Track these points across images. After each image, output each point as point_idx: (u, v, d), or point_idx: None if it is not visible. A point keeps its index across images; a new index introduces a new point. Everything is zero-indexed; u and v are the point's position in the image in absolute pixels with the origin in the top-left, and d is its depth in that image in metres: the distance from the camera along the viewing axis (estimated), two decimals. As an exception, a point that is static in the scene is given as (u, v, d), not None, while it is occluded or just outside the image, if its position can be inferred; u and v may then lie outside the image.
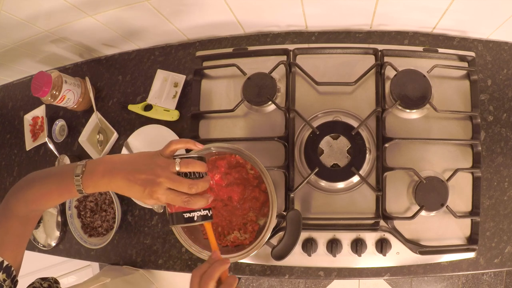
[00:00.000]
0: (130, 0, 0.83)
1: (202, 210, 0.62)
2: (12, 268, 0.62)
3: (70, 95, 1.00)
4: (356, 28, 0.96)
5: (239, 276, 0.90)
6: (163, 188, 0.58)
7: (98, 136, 1.04)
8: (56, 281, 0.70)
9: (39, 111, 1.12)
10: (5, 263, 0.60)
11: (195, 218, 0.62)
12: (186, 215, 0.62)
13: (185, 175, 0.61)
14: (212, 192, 0.84)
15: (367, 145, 0.85)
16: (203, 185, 0.61)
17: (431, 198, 0.81)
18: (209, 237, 0.66)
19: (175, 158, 0.61)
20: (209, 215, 0.64)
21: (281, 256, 0.75)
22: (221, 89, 0.96)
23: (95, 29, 0.95)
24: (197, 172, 0.62)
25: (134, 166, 0.59)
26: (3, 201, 0.65)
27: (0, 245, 0.61)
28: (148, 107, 1.01)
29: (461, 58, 0.89)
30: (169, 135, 0.97)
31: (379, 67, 0.89)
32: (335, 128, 0.87)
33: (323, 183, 0.86)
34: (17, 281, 0.63)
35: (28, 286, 0.64)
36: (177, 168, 0.60)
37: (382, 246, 0.83)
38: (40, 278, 0.68)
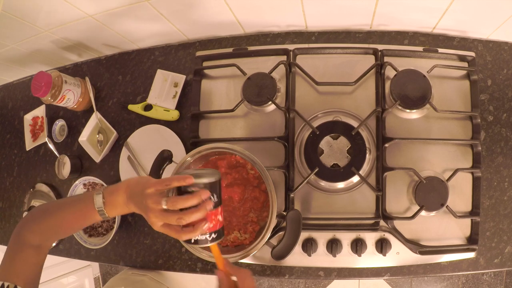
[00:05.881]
0: (130, 0, 0.84)
1: (201, 234, 0.61)
2: None
3: (70, 95, 1.00)
4: (356, 28, 0.96)
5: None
6: (157, 225, 0.60)
7: (98, 136, 1.04)
8: None
9: (39, 111, 1.12)
10: None
11: (192, 241, 0.62)
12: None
13: (185, 190, 0.60)
14: None
15: (367, 145, 0.85)
16: (195, 216, 0.58)
17: (431, 198, 0.81)
18: (214, 257, 0.65)
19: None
20: (210, 239, 0.62)
21: (281, 256, 0.75)
22: (221, 89, 0.96)
23: (95, 29, 0.95)
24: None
25: (135, 199, 0.62)
26: (14, 233, 0.65)
27: (19, 276, 0.61)
28: (148, 107, 1.01)
29: (461, 58, 0.89)
30: (169, 135, 0.97)
31: (379, 67, 0.89)
32: (335, 128, 0.87)
33: (323, 183, 0.86)
34: None
35: None
36: (164, 207, 0.58)
37: (382, 246, 0.83)
38: None
